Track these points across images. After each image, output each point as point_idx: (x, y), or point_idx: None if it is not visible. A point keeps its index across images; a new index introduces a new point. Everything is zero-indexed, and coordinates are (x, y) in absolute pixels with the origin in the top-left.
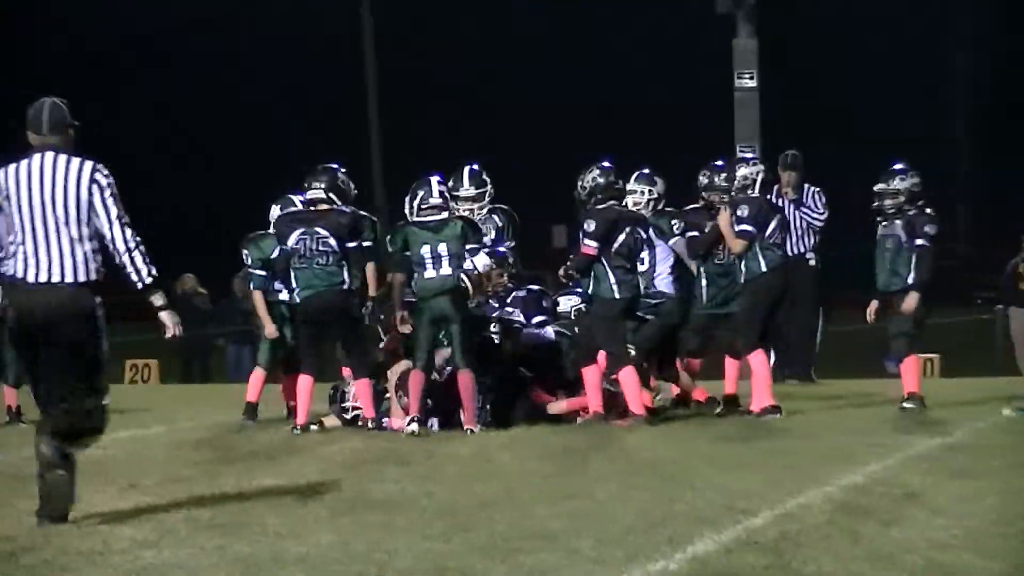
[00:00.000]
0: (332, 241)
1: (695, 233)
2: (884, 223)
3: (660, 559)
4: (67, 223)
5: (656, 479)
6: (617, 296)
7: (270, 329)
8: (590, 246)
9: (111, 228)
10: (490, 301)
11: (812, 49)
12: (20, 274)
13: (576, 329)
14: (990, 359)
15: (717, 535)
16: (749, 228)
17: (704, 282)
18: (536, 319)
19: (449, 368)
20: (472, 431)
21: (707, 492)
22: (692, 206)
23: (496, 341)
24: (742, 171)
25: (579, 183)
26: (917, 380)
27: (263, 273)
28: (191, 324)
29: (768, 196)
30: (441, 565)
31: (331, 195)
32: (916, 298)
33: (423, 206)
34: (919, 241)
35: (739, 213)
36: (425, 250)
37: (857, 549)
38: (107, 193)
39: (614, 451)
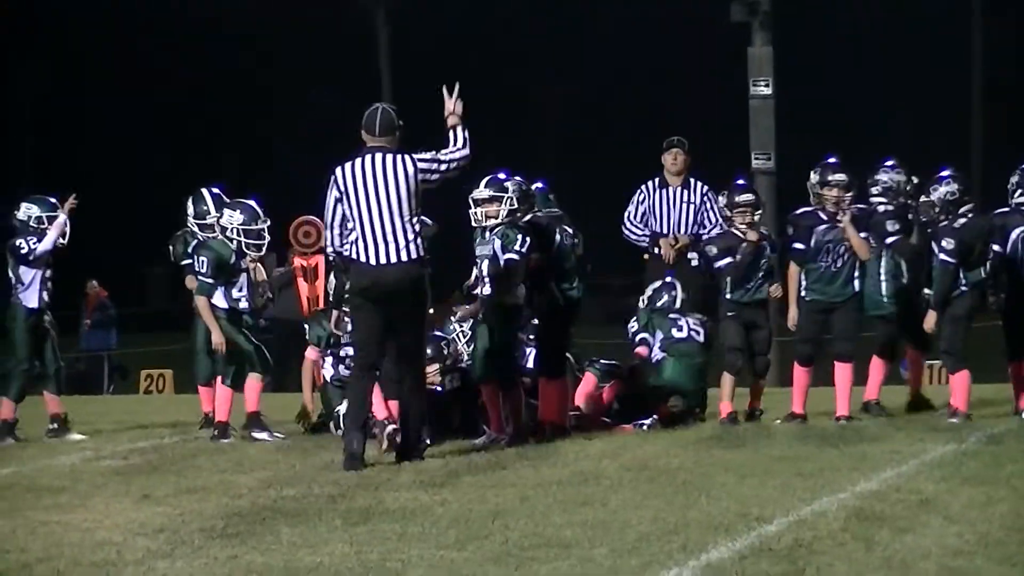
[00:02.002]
0: None
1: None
2: (930, 231)
3: (674, 567)
4: (400, 211)
5: (670, 487)
6: (561, 304)
7: (219, 339)
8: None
9: None
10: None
11: (827, 55)
12: (363, 257)
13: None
14: (1002, 364)
15: (731, 542)
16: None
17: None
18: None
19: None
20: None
21: (721, 499)
22: (803, 209)
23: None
24: (883, 176)
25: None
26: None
27: (211, 280)
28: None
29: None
30: (455, 574)
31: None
32: (933, 317)
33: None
34: (941, 256)
35: (889, 228)
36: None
37: (872, 556)
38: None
39: (628, 459)
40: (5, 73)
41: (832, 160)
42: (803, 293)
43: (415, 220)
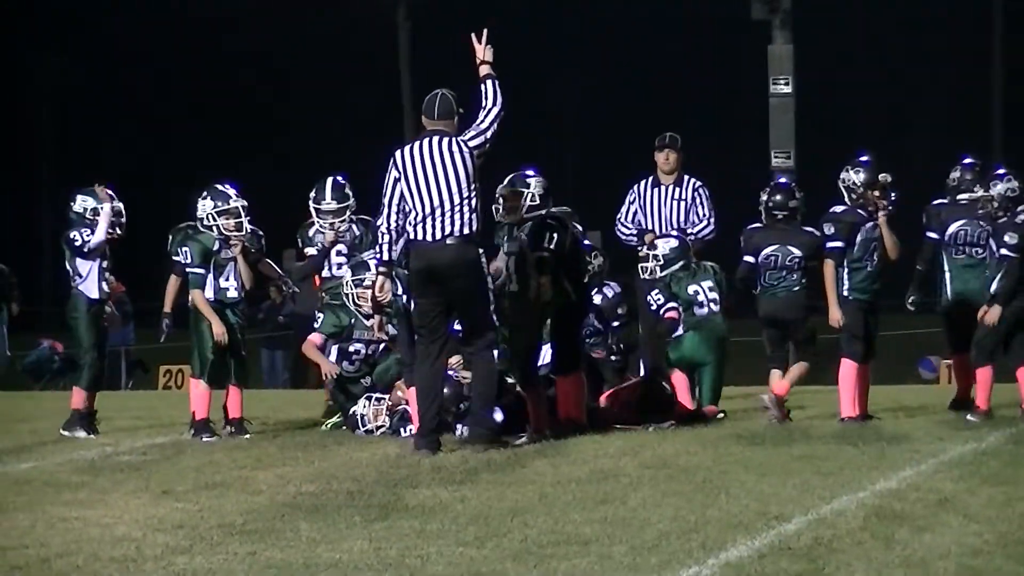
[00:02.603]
0: None
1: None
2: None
3: (693, 565)
4: (456, 191)
5: (689, 485)
6: (573, 300)
7: (220, 330)
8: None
9: None
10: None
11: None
12: (420, 236)
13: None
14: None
15: (751, 541)
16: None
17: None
18: (617, 324)
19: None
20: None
21: (741, 497)
22: (842, 207)
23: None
24: (1001, 186)
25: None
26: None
27: (202, 271)
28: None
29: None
30: (474, 571)
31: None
32: (998, 311)
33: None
34: (1002, 251)
35: (1008, 240)
36: None
37: (891, 555)
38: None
39: (647, 457)
40: (26, 69)
41: (867, 158)
42: (846, 292)
43: (475, 198)
